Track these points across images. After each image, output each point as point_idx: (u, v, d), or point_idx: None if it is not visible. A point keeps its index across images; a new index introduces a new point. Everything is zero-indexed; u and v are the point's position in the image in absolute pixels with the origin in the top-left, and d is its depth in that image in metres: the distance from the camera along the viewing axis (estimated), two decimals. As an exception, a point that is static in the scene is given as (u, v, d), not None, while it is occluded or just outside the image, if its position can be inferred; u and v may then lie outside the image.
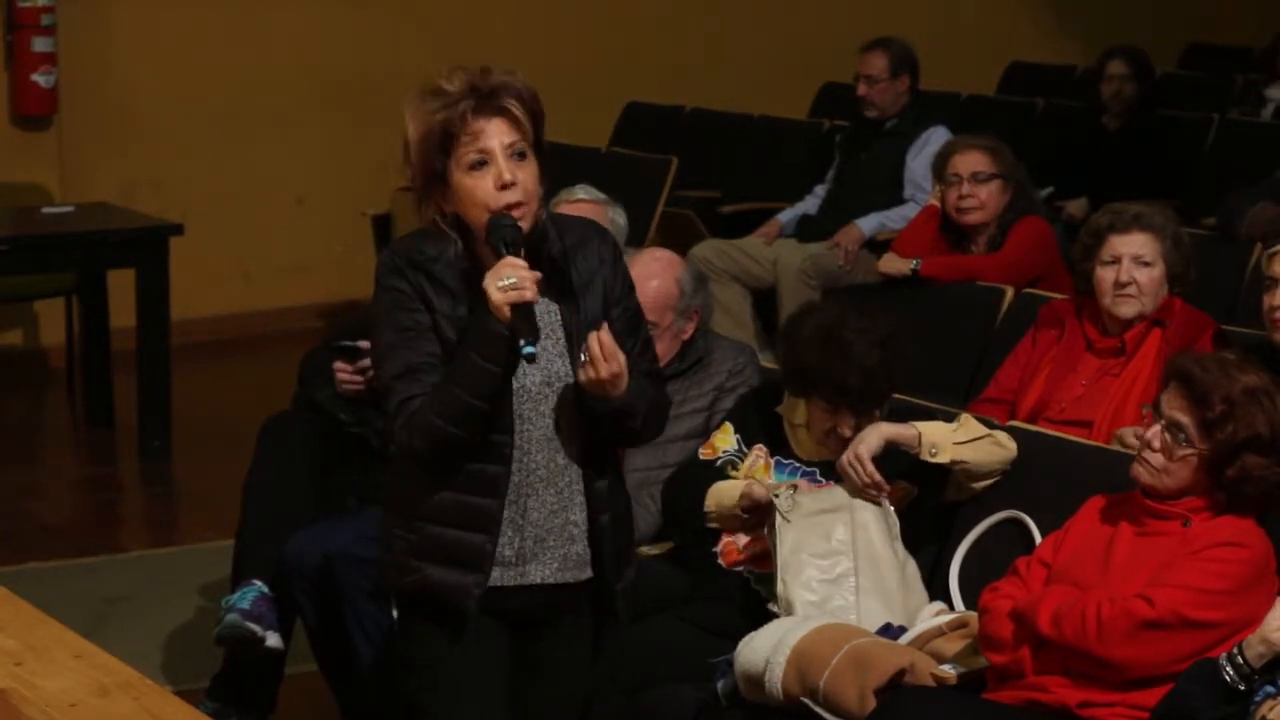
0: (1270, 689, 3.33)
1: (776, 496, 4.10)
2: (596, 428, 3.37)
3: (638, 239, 6.65)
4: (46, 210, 8.04)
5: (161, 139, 9.17)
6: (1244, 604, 3.51)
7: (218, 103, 9.30)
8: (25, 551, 6.28)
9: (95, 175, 8.96)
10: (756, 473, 4.28)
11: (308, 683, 4.95)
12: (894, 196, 7.38)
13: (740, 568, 4.24)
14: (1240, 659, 3.34)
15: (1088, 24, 11.23)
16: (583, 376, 3.27)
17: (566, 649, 3.50)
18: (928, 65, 7.77)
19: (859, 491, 4.09)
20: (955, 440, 4.10)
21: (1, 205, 8.13)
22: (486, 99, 3.26)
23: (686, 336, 4.68)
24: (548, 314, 3.36)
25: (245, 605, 4.64)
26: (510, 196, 3.27)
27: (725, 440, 4.38)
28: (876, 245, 7.04)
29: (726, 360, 4.69)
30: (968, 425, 4.14)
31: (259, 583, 4.68)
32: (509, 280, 3.19)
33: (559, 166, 3.56)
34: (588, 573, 3.42)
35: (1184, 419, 3.60)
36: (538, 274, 3.24)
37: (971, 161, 5.95)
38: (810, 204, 7.78)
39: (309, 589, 4.55)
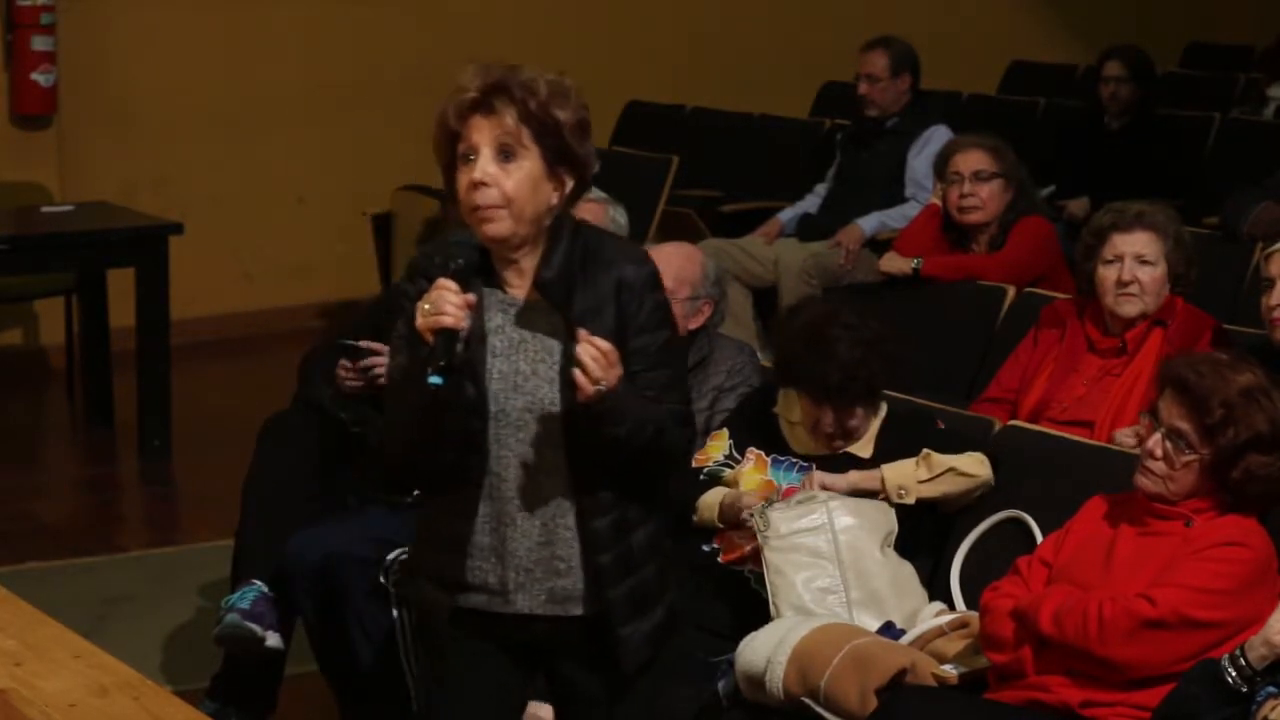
0: (1272, 689, 3.32)
1: (750, 518, 4.10)
2: (596, 458, 3.18)
3: (638, 238, 6.64)
4: (46, 210, 8.04)
5: (161, 138, 9.16)
6: (1246, 604, 3.50)
7: (218, 102, 9.30)
8: (25, 551, 6.28)
9: (95, 175, 8.95)
10: (749, 474, 4.29)
11: (308, 683, 4.95)
12: (895, 196, 7.37)
13: (740, 567, 4.24)
14: (1243, 660, 3.33)
15: (1089, 23, 11.22)
16: (580, 395, 3.06)
17: (583, 675, 3.35)
18: (929, 64, 7.76)
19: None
20: (919, 479, 4.11)
21: (1, 205, 8.12)
22: (485, 95, 3.12)
23: (692, 326, 4.68)
24: (539, 338, 3.20)
25: (245, 605, 4.64)
26: (479, 197, 3.09)
27: (718, 448, 4.38)
28: (878, 244, 7.03)
29: (725, 360, 4.69)
30: (929, 462, 4.13)
31: (259, 583, 4.68)
32: (430, 304, 3.05)
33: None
34: (578, 609, 3.25)
35: (1184, 426, 3.59)
36: (469, 297, 3.08)
37: (973, 160, 5.94)
38: (811, 203, 7.76)
39: (309, 589, 4.54)
